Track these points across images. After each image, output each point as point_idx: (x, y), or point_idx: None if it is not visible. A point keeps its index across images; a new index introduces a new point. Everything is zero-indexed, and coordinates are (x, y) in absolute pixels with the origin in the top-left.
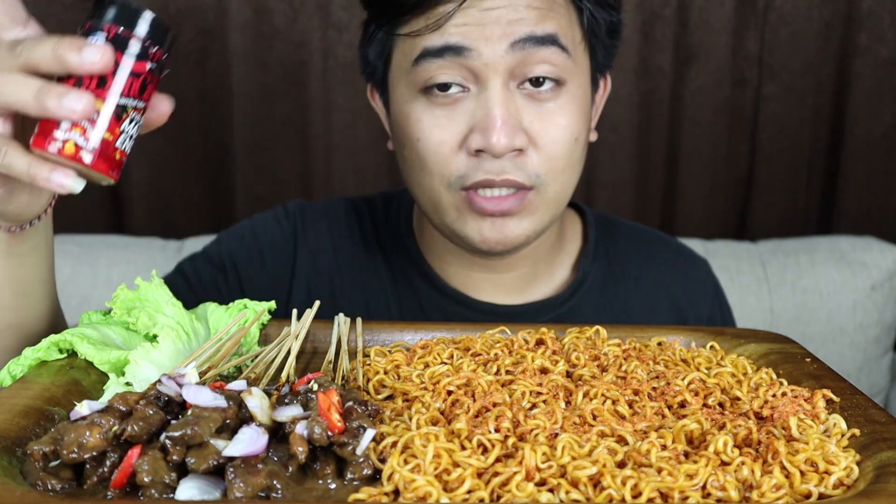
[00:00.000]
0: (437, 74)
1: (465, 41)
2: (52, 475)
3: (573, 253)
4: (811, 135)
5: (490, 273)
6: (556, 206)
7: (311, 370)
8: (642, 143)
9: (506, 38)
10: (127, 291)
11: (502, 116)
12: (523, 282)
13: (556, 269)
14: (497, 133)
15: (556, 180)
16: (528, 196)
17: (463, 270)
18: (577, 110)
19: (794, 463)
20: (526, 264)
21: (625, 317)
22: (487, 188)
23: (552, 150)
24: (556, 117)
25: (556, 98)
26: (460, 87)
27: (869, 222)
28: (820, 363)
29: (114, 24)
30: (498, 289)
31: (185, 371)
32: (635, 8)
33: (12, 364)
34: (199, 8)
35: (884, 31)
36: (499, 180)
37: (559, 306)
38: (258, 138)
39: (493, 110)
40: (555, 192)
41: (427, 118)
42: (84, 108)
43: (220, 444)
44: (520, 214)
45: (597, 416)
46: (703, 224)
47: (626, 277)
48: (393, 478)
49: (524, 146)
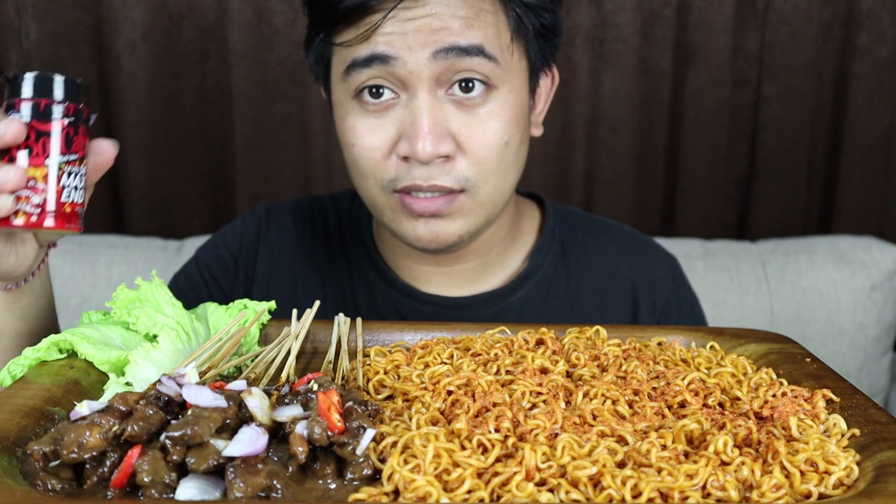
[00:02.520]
0: (367, 81)
1: (389, 50)
2: (52, 475)
3: (528, 245)
4: (811, 135)
5: (438, 266)
6: (491, 207)
7: (311, 370)
8: (642, 143)
9: (429, 46)
10: (127, 291)
11: (428, 124)
12: (473, 274)
13: (508, 262)
14: (422, 141)
15: (487, 183)
16: (458, 198)
17: (413, 264)
18: (507, 114)
19: (794, 463)
20: (475, 257)
21: (577, 309)
22: (416, 192)
23: (481, 154)
24: (485, 123)
25: (485, 103)
26: (392, 93)
27: (869, 222)
28: (820, 363)
29: (28, 98)
30: (448, 281)
31: (185, 371)
32: (635, 8)
33: (12, 364)
34: (199, 8)
35: (884, 31)
36: (426, 185)
37: (506, 297)
38: (258, 138)
39: (419, 119)
40: (487, 195)
41: (360, 124)
42: (13, 181)
43: (220, 444)
44: (451, 216)
45: (597, 416)
46: (703, 224)
47: (580, 270)
48: (393, 478)
49: (451, 153)
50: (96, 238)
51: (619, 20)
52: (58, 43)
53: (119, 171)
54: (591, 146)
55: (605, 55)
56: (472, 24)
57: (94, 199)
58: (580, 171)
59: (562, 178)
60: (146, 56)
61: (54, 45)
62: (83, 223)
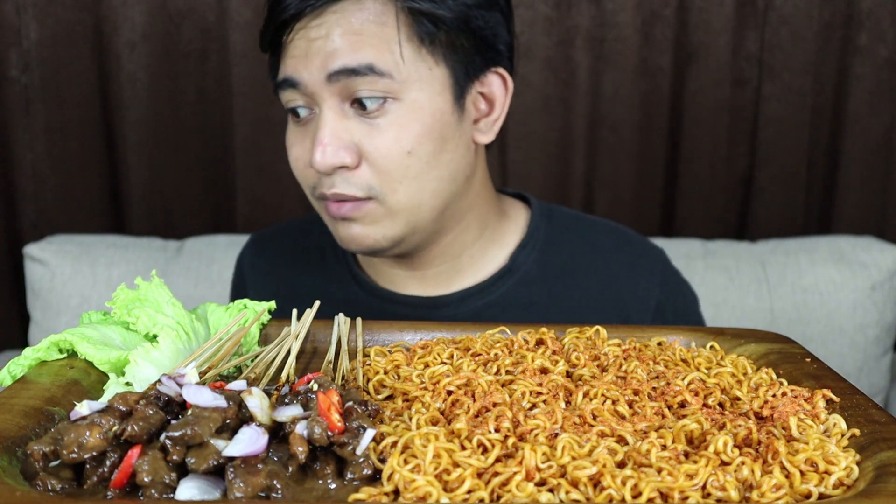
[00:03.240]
0: (289, 101)
1: (293, 74)
2: (52, 475)
3: (510, 245)
4: (811, 135)
5: (410, 270)
6: (409, 214)
7: (311, 370)
8: (642, 143)
9: (323, 69)
10: (127, 291)
11: (325, 137)
12: (446, 276)
13: (486, 262)
14: (319, 153)
15: (395, 191)
16: (367, 205)
17: (388, 269)
18: (411, 124)
19: (794, 463)
20: (444, 260)
21: (561, 306)
22: (323, 199)
23: (382, 163)
24: (384, 132)
25: (384, 114)
26: (308, 110)
27: (869, 222)
28: (820, 363)
29: None
30: (422, 284)
31: (185, 371)
32: (635, 8)
33: (12, 364)
34: (199, 8)
35: (884, 31)
36: (329, 194)
37: (484, 294)
38: (258, 138)
39: (319, 132)
40: (398, 202)
41: (291, 136)
42: None
43: (220, 444)
44: (362, 221)
45: (597, 416)
46: (703, 224)
47: (566, 268)
48: (393, 478)
49: (350, 163)
50: (96, 238)
51: (619, 20)
52: (58, 43)
53: (119, 171)
54: (591, 146)
55: (605, 55)
56: (362, 42)
57: (94, 199)
58: (580, 171)
59: (562, 178)
60: (146, 56)
61: (54, 45)
62: None
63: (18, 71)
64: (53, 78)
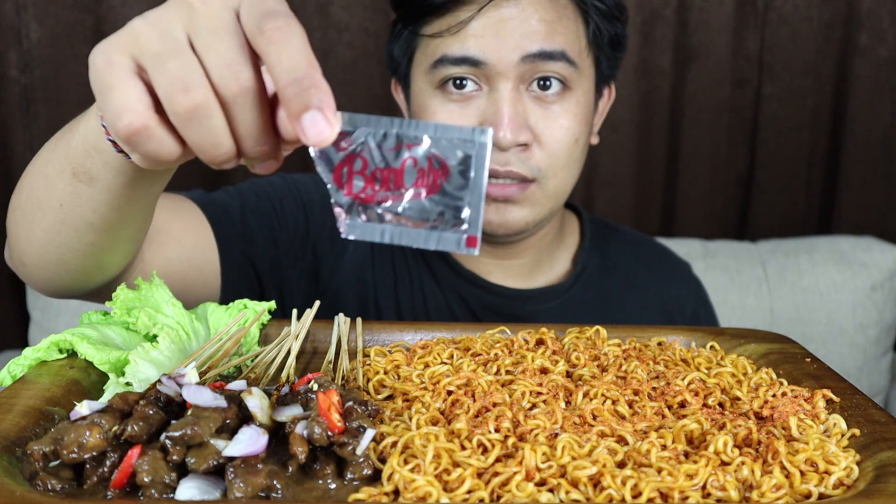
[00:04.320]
0: (453, 75)
1: (480, 55)
2: (52, 475)
3: (571, 248)
4: (811, 135)
5: (497, 259)
6: (555, 200)
7: (311, 370)
8: (642, 143)
9: (518, 51)
10: (127, 291)
11: (510, 115)
12: (527, 269)
13: (556, 261)
14: (504, 129)
15: (555, 175)
16: (529, 187)
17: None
18: (579, 114)
19: (794, 463)
20: (530, 254)
21: (620, 307)
22: (493, 177)
23: (554, 147)
24: (560, 119)
25: (561, 102)
26: (475, 85)
27: (869, 222)
28: (820, 363)
29: None
30: (505, 273)
31: (185, 371)
32: (635, 8)
33: (12, 364)
34: None
35: (884, 31)
36: (503, 171)
37: (563, 293)
38: None
39: (502, 109)
40: (554, 187)
41: (442, 111)
42: None
43: (220, 444)
44: (521, 203)
45: (597, 416)
46: (703, 224)
47: (617, 272)
48: (393, 478)
49: (528, 142)
50: None
51: None
52: (58, 43)
53: None
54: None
55: None
56: (556, 28)
57: None
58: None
59: None
60: None
61: (54, 45)
62: None
63: (18, 71)
64: (53, 78)
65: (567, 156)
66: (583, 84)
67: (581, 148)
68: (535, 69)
